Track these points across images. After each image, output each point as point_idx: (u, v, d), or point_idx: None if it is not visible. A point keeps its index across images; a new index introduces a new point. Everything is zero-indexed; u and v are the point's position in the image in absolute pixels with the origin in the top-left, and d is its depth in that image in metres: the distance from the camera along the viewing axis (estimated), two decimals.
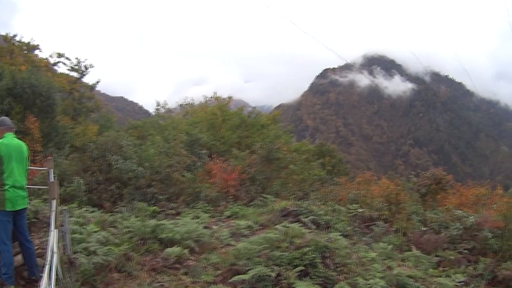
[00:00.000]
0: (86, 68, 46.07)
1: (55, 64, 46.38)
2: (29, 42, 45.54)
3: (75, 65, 45.55)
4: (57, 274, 6.17)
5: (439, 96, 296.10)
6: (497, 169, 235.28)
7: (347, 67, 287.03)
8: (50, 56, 46.37)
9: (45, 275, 5.05)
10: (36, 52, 46.61)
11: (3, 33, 45.87)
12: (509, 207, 14.50)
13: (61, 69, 46.63)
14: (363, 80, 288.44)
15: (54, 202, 7.72)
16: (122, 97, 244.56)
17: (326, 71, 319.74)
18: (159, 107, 51.35)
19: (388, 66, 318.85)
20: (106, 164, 18.35)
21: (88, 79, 48.47)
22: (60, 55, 45.85)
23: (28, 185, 7.74)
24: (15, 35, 45.17)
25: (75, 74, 46.04)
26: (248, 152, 24.43)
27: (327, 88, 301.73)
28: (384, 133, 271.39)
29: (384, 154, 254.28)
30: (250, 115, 42.51)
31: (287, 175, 23.51)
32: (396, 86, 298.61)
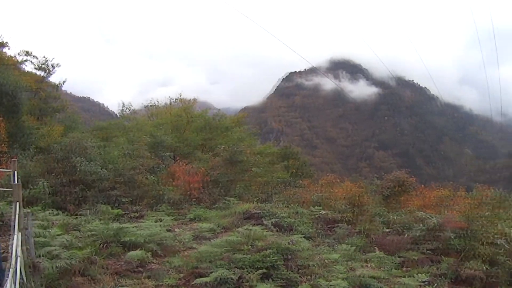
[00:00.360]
0: (53, 67, 45.22)
1: (21, 62, 45.44)
2: None
3: (42, 64, 44.70)
4: (21, 278, 6.19)
5: (404, 101, 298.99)
6: (460, 172, 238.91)
7: (313, 71, 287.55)
8: (18, 54, 45.43)
9: (9, 279, 5.08)
10: (4, 49, 45.60)
11: None
12: (472, 208, 14.88)
13: (28, 67, 45.71)
14: (328, 83, 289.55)
15: (17, 205, 7.75)
16: (88, 97, 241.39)
17: (292, 74, 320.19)
18: (124, 108, 50.75)
19: (353, 70, 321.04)
20: (70, 166, 18.14)
21: (54, 79, 47.58)
22: (27, 53, 44.97)
23: None
24: None
25: (41, 73, 45.19)
26: (211, 154, 24.49)
27: (293, 91, 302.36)
28: (348, 136, 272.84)
29: (349, 157, 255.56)
30: (215, 118, 42.42)
31: (250, 178, 23.64)
32: (361, 90, 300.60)
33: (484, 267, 12.58)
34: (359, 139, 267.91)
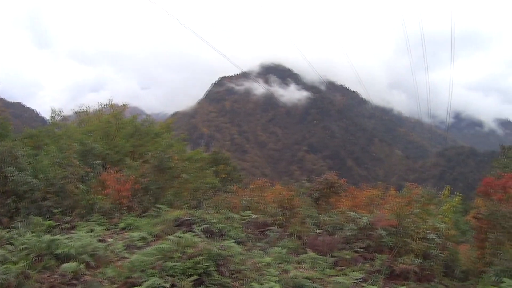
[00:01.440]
0: None
1: None
2: None
3: None
4: None
5: (335, 104, 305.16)
6: (391, 172, 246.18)
7: (244, 76, 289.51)
8: None
9: None
10: None
11: None
12: (402, 206, 15.60)
13: None
14: (259, 88, 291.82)
15: None
16: (19, 103, 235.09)
17: (222, 79, 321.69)
18: (54, 114, 49.68)
19: (284, 75, 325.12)
20: (2, 177, 17.87)
21: None
22: None
23: None
24: None
25: None
26: (141, 161, 24.44)
27: (223, 96, 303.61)
28: (279, 140, 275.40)
29: (279, 160, 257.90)
30: (144, 123, 41.94)
31: (180, 184, 23.67)
32: (292, 94, 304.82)
33: (418, 261, 13.32)
34: (289, 143, 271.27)
